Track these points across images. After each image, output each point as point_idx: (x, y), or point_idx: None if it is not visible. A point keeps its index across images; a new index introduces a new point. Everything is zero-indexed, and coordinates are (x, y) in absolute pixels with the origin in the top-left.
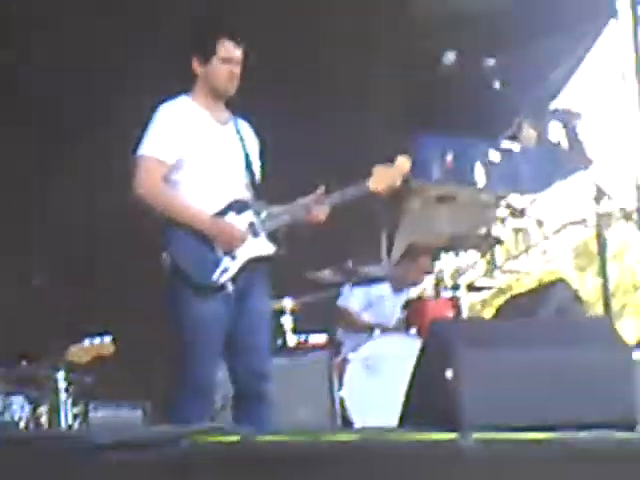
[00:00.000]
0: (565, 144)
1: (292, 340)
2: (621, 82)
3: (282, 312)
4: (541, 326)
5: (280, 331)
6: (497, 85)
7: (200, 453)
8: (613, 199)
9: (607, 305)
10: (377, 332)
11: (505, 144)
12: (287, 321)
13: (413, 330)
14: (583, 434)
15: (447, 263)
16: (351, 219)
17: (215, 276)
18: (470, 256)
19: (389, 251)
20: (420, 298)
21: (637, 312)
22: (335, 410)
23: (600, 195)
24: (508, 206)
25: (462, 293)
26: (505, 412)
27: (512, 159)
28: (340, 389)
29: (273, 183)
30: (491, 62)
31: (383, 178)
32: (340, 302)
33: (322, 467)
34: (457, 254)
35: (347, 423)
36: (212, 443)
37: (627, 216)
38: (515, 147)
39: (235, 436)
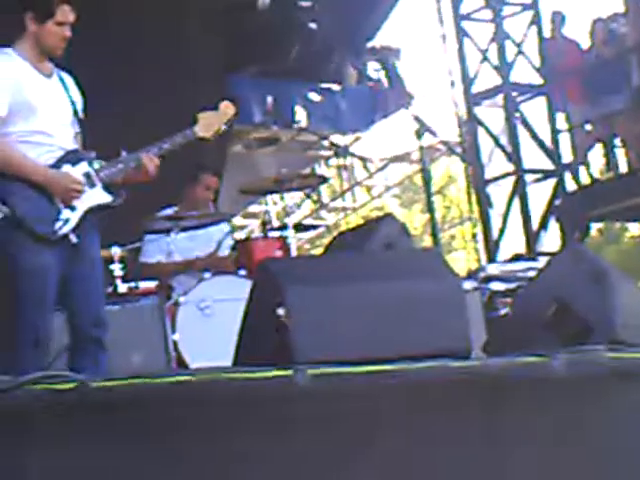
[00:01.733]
0: (385, 81)
1: (123, 287)
2: (438, 17)
3: (112, 260)
4: (371, 260)
5: (110, 278)
6: (314, 26)
7: (36, 402)
8: (436, 133)
9: (435, 237)
10: (208, 274)
11: (325, 84)
12: (116, 268)
13: (243, 271)
14: (418, 364)
15: (273, 204)
16: (177, 165)
17: (57, 227)
18: (296, 196)
19: (216, 195)
20: (248, 239)
21: (464, 244)
22: (169, 354)
23: (422, 129)
24: (331, 145)
25: (290, 233)
26: (338, 346)
27: (333, 99)
28: (174, 333)
29: (96, 138)
30: (307, 4)
31: (209, 124)
32: (141, 258)
33: (159, 409)
34: (282, 195)
35: (182, 366)
36: (47, 391)
37: (450, 149)
38: (335, 87)
39: (71, 383)
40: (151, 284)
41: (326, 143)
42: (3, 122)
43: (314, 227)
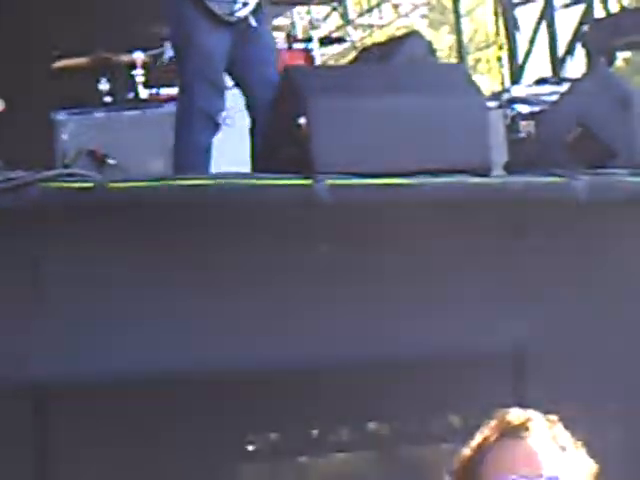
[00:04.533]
0: None
1: (144, 93)
2: None
3: (134, 65)
4: (396, 73)
5: (132, 84)
6: None
7: (51, 199)
8: None
9: (462, 58)
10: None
11: None
12: (138, 74)
13: None
14: (436, 179)
15: (299, 16)
16: None
17: (236, 8)
18: (322, 10)
19: None
20: None
21: (490, 68)
22: None
23: None
24: None
25: (315, 46)
26: (359, 159)
27: None
28: None
29: None
30: None
31: None
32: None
33: (178, 211)
34: (309, 7)
35: None
36: (64, 189)
37: None
38: None
39: (88, 183)
40: (173, 90)
41: None
42: None
43: (339, 41)
